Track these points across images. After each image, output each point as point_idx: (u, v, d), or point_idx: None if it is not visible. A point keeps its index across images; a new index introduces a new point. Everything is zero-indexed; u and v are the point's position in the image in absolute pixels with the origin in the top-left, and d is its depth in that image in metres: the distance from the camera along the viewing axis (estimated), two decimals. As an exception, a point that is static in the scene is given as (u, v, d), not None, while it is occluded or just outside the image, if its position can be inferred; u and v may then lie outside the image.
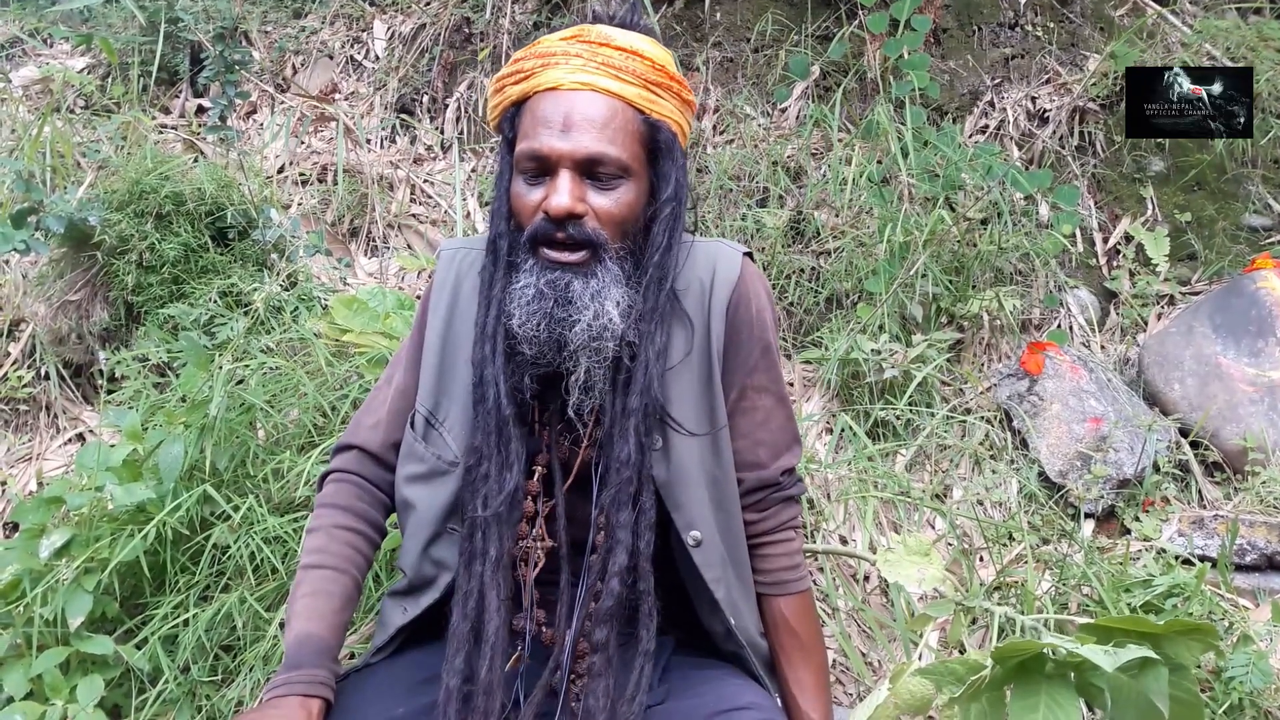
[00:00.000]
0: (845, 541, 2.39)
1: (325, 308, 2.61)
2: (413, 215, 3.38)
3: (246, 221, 2.81)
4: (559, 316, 1.22)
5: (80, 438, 2.79)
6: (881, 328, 2.79)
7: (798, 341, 2.99)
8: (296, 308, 2.58)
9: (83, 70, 3.84)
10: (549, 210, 1.22)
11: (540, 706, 1.28)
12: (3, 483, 2.68)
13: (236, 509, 2.04)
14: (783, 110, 3.46)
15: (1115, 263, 3.24)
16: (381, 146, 3.62)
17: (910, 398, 2.64)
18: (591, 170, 1.24)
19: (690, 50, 3.53)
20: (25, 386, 2.80)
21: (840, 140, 3.23)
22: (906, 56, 3.26)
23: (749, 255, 1.41)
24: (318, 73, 3.89)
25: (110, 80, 3.73)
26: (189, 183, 2.78)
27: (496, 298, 1.29)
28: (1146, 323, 3.10)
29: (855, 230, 3.03)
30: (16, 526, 2.39)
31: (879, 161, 3.17)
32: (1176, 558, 2.24)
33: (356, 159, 3.44)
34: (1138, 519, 2.50)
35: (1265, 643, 1.93)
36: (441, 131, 3.62)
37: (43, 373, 2.84)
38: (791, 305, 3.00)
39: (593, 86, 1.24)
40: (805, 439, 2.62)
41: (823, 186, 3.16)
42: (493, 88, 1.34)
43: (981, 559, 2.37)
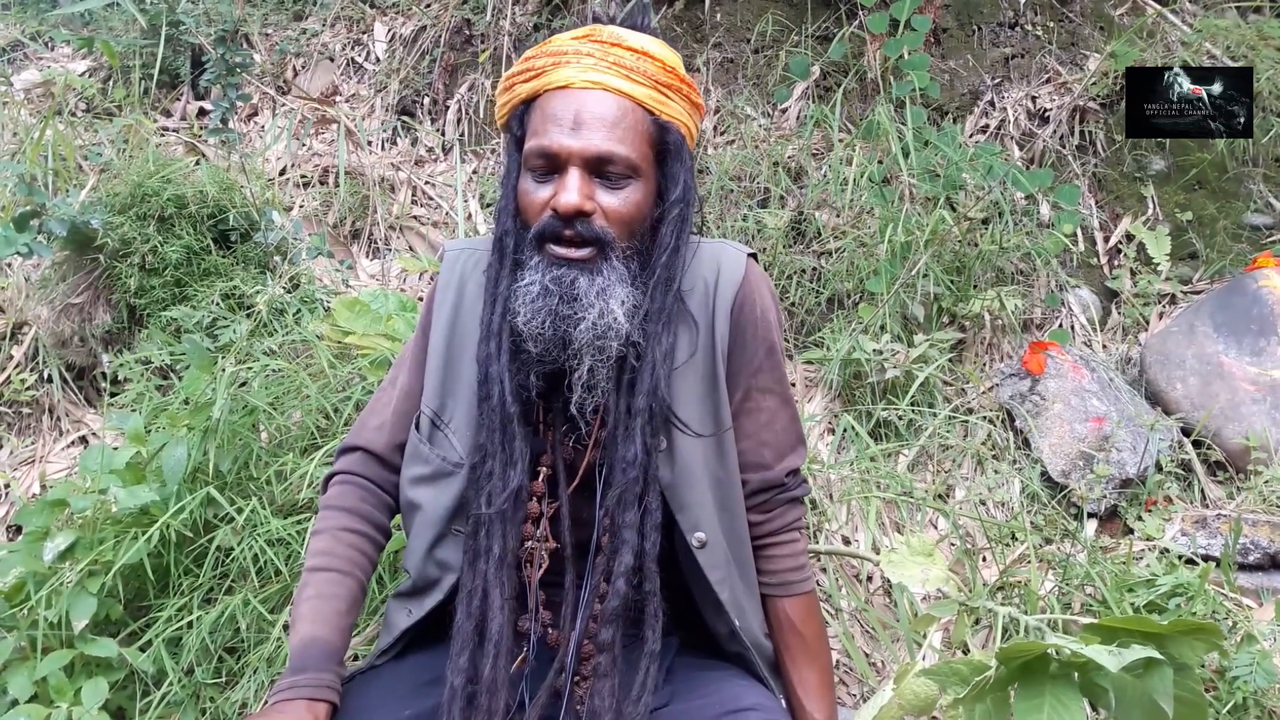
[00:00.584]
0: (848, 542, 2.39)
1: (327, 310, 2.61)
2: (414, 217, 3.38)
3: (249, 224, 2.81)
4: (564, 314, 1.22)
5: (83, 440, 2.80)
6: (883, 328, 2.79)
7: (800, 342, 2.99)
8: (299, 310, 2.58)
9: (84, 73, 3.85)
10: (558, 208, 1.22)
11: (545, 708, 1.28)
12: (6, 485, 2.68)
13: (240, 511, 2.04)
14: (783, 111, 3.46)
15: (1116, 262, 3.24)
16: (383, 148, 3.62)
17: (912, 398, 2.64)
18: (601, 169, 1.24)
19: (691, 51, 3.53)
20: (28, 389, 2.80)
21: (841, 140, 3.24)
22: (907, 56, 3.26)
23: (753, 256, 1.41)
24: (319, 75, 3.89)
25: (112, 83, 3.73)
26: (191, 185, 2.78)
27: (502, 295, 1.29)
28: (1148, 322, 3.10)
29: (856, 230, 3.03)
30: (20, 529, 2.39)
31: (880, 161, 3.17)
32: (1180, 557, 2.24)
33: (358, 161, 3.44)
34: (1140, 518, 2.50)
35: (1269, 642, 1.93)
36: (442, 133, 3.62)
37: (45, 376, 2.85)
38: (793, 306, 3.00)
39: (604, 86, 1.25)
40: (808, 439, 2.62)
41: (824, 187, 3.16)
42: (502, 85, 1.34)
43: (985, 559, 2.37)
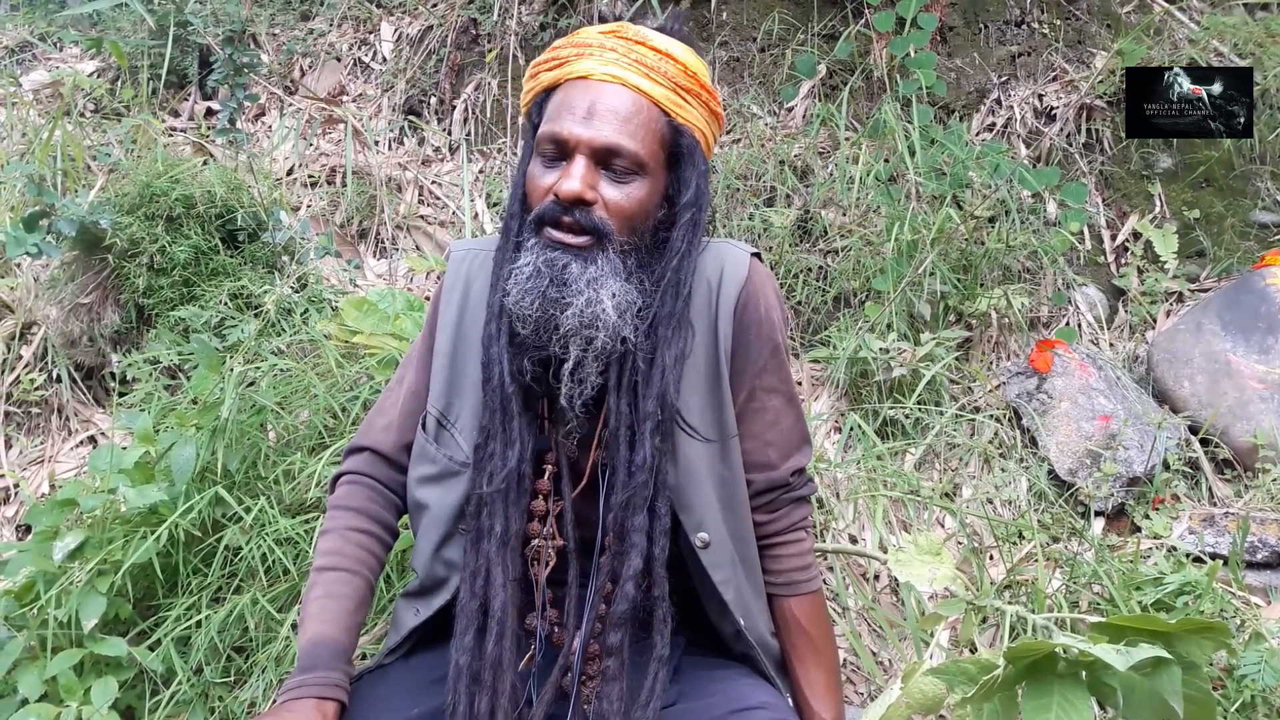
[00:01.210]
0: (855, 540, 2.39)
1: (335, 309, 2.62)
2: (421, 216, 3.39)
3: (256, 224, 2.82)
4: (552, 296, 1.22)
5: (92, 440, 2.81)
6: (890, 326, 2.79)
7: (806, 340, 2.99)
8: (306, 309, 2.59)
9: (92, 74, 3.86)
10: (559, 193, 1.23)
11: (550, 708, 1.29)
12: (15, 485, 2.69)
13: (248, 510, 2.04)
14: (789, 109, 3.46)
15: (1123, 260, 3.24)
16: (390, 148, 3.63)
17: (919, 396, 2.64)
18: (607, 161, 1.24)
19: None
20: (37, 389, 2.81)
21: (847, 139, 3.23)
22: (913, 55, 3.25)
23: (757, 255, 1.41)
24: (326, 75, 3.90)
25: (120, 83, 3.74)
26: (199, 185, 2.79)
27: (503, 276, 1.29)
28: (1155, 320, 3.09)
29: (863, 229, 3.03)
30: (30, 529, 2.40)
31: (886, 160, 3.16)
32: (1187, 555, 2.23)
33: (365, 161, 3.45)
34: (1148, 517, 2.50)
35: (1277, 640, 1.93)
36: (449, 133, 3.63)
37: (54, 375, 2.86)
38: (799, 304, 3.00)
39: (622, 81, 1.26)
40: (814, 438, 2.62)
41: (830, 185, 3.16)
42: (529, 73, 1.36)
43: (992, 557, 2.37)
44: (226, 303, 2.59)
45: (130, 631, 2.06)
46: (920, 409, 2.63)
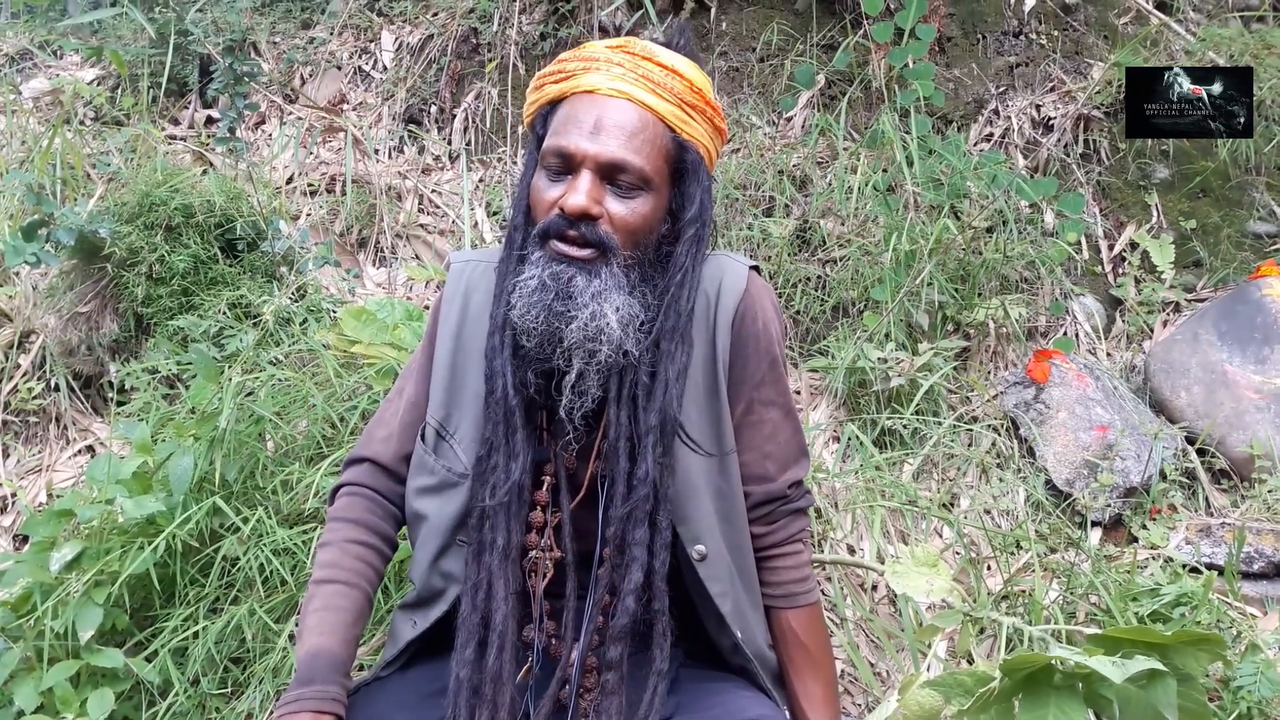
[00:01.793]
0: (853, 551, 2.39)
1: (334, 319, 2.62)
2: (421, 225, 3.40)
3: (256, 233, 2.82)
4: (557, 310, 1.23)
5: (90, 449, 2.81)
6: (888, 336, 2.79)
7: (804, 350, 3.00)
8: (305, 319, 2.59)
9: (92, 82, 3.87)
10: (564, 207, 1.23)
11: (549, 718, 1.29)
12: (13, 494, 2.69)
13: (246, 521, 2.04)
14: (788, 119, 3.47)
15: (1121, 270, 3.25)
16: (390, 157, 3.63)
17: (917, 406, 2.64)
18: (612, 176, 1.25)
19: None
20: (35, 398, 2.81)
21: (845, 149, 3.24)
22: (911, 65, 3.26)
23: (755, 268, 1.42)
24: (326, 83, 3.91)
25: (120, 92, 3.75)
26: (198, 194, 2.80)
27: (507, 289, 1.30)
28: (1152, 330, 3.10)
29: (861, 239, 3.03)
30: (27, 539, 2.40)
31: (884, 170, 3.17)
32: (1184, 566, 2.23)
33: (365, 169, 3.46)
34: (1145, 527, 2.50)
35: (1273, 651, 1.93)
36: (449, 142, 3.64)
37: (53, 384, 2.86)
38: (798, 314, 3.01)
39: (628, 96, 1.27)
40: (812, 448, 2.62)
41: (828, 195, 3.17)
42: (533, 84, 1.37)
43: (989, 568, 2.37)
44: (225, 312, 2.60)
45: (127, 642, 2.06)
46: (918, 419, 2.64)
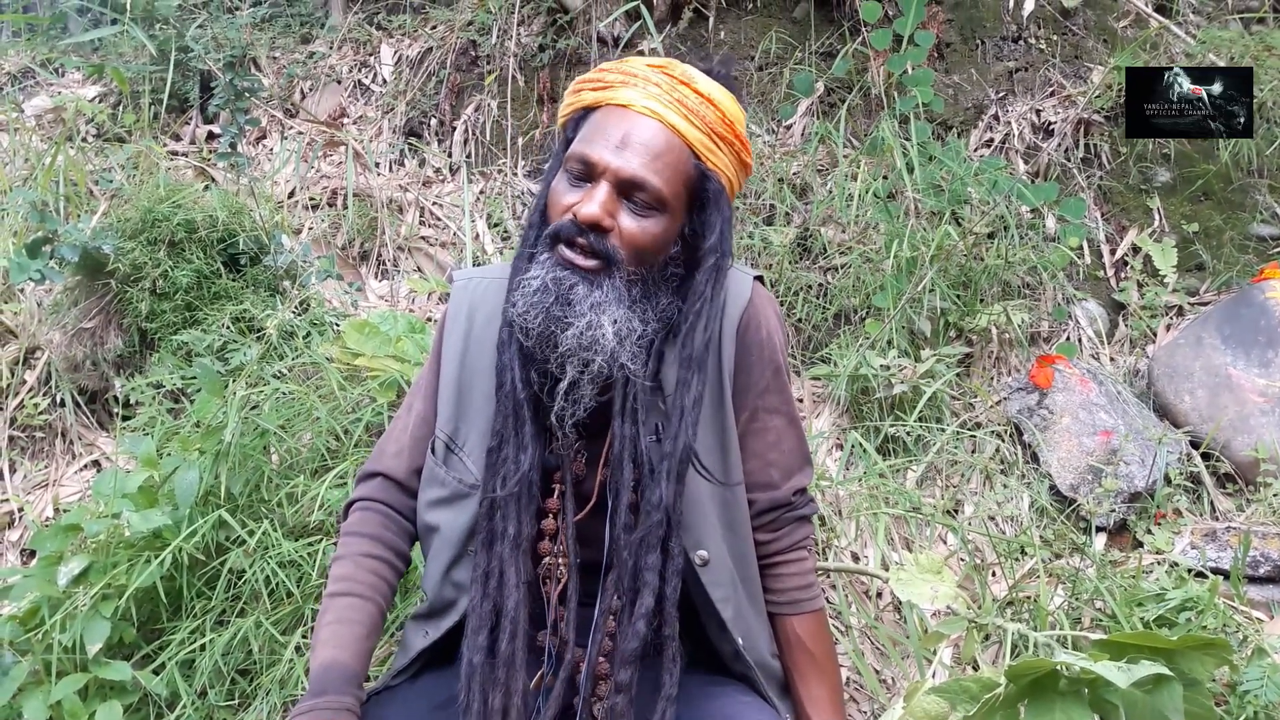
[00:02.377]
0: (857, 558, 2.39)
1: (337, 332, 2.63)
2: (422, 238, 3.41)
3: (258, 247, 2.83)
4: (555, 314, 1.24)
5: (96, 464, 2.81)
6: (890, 343, 2.80)
7: (807, 358, 3.00)
8: (309, 333, 2.60)
9: (94, 99, 3.88)
10: (578, 214, 1.24)
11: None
12: (20, 509, 2.70)
13: (251, 534, 2.05)
14: (788, 127, 3.48)
15: (1123, 274, 3.25)
16: (390, 170, 3.65)
17: (920, 413, 2.64)
18: (630, 192, 1.26)
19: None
20: (41, 414, 2.82)
21: (845, 156, 3.25)
22: (910, 72, 3.27)
23: (759, 279, 1.43)
24: (326, 97, 3.93)
25: (122, 108, 3.77)
26: (201, 210, 2.81)
27: (513, 287, 1.31)
28: (1155, 334, 3.10)
29: (862, 246, 3.04)
30: (34, 554, 2.40)
31: (884, 177, 3.18)
32: (1189, 571, 2.23)
33: (366, 183, 3.47)
34: (1150, 532, 2.50)
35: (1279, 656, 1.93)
36: (449, 154, 3.65)
37: (58, 400, 2.87)
38: (800, 322, 3.01)
39: (660, 117, 1.27)
40: (815, 455, 2.62)
41: (829, 203, 3.18)
42: (573, 87, 1.38)
43: (994, 574, 2.37)
44: (229, 326, 2.61)
45: (135, 655, 2.07)
46: (921, 426, 2.64)
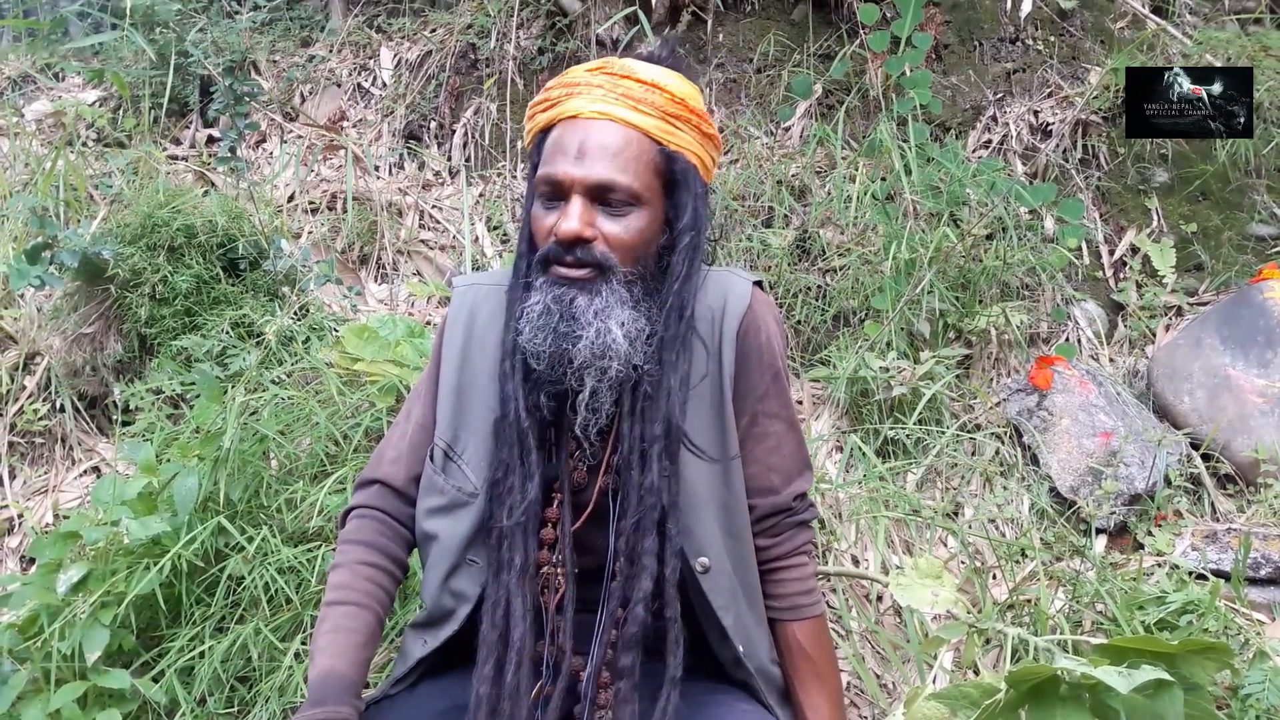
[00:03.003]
0: (857, 562, 2.39)
1: (336, 337, 2.63)
2: (422, 241, 3.41)
3: (258, 252, 2.83)
4: (563, 331, 1.25)
5: (96, 470, 2.81)
6: (889, 345, 2.79)
7: (806, 360, 3.00)
8: (308, 338, 2.60)
9: (94, 103, 3.89)
10: (558, 234, 1.25)
11: (562, 734, 1.30)
12: (19, 515, 2.70)
13: (251, 540, 2.05)
14: (786, 129, 3.48)
15: (1122, 275, 3.25)
16: (390, 173, 3.65)
17: (919, 415, 2.64)
18: (602, 196, 1.26)
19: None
20: (41, 419, 2.82)
21: (844, 158, 3.25)
22: (908, 74, 3.27)
23: (759, 284, 1.43)
24: (326, 101, 3.93)
25: (121, 113, 3.77)
26: (200, 215, 2.81)
27: (515, 316, 1.32)
28: (1155, 335, 3.10)
29: (861, 248, 3.04)
30: (34, 561, 2.40)
31: (883, 179, 3.18)
32: (1190, 573, 2.23)
33: (365, 186, 3.47)
34: (1150, 534, 2.50)
35: (1281, 657, 1.93)
36: (449, 157, 3.65)
37: (58, 405, 2.87)
38: (799, 324, 3.01)
39: (610, 116, 1.28)
40: (815, 458, 2.62)
41: (827, 205, 3.17)
42: (527, 114, 1.39)
43: (994, 577, 2.36)
44: (228, 332, 2.61)
45: (134, 663, 2.06)
46: (921, 428, 2.64)
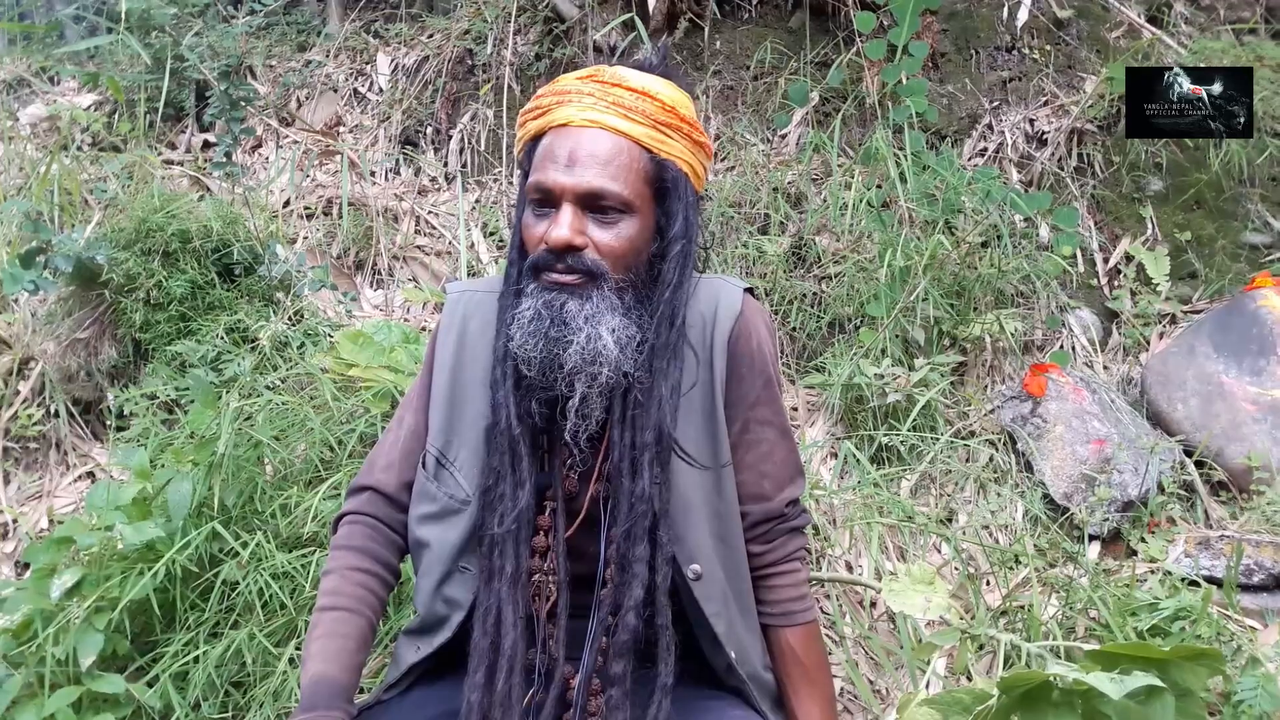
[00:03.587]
0: (851, 568, 2.39)
1: (331, 342, 2.63)
2: (417, 247, 3.41)
3: (253, 257, 2.84)
4: (554, 336, 1.25)
5: (90, 475, 2.81)
6: (884, 352, 2.80)
7: (801, 367, 3.00)
8: (303, 343, 2.60)
9: (89, 107, 3.89)
10: (548, 241, 1.26)
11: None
12: (13, 521, 2.69)
13: (245, 545, 2.05)
14: (782, 137, 3.49)
15: (1116, 283, 3.26)
16: (386, 179, 3.65)
17: (914, 422, 2.65)
18: (594, 204, 1.27)
19: (691, 79, 3.56)
20: (35, 424, 2.82)
21: (840, 166, 3.26)
22: (904, 82, 3.28)
23: (750, 291, 1.43)
24: (322, 106, 3.93)
25: (117, 117, 3.77)
26: (195, 220, 2.81)
27: (506, 323, 1.32)
28: (1149, 342, 3.11)
29: (856, 255, 3.04)
30: (28, 566, 2.40)
31: (878, 186, 3.19)
32: (1183, 580, 2.23)
33: (361, 192, 3.47)
34: (1143, 540, 2.50)
35: (1274, 665, 1.93)
36: (445, 163, 3.65)
37: (52, 410, 2.86)
38: (794, 331, 3.01)
39: (600, 124, 1.28)
40: (809, 465, 2.63)
41: (823, 212, 3.18)
42: (518, 122, 1.39)
43: (987, 583, 2.37)
44: (223, 337, 2.61)
45: (128, 668, 2.06)
46: (915, 435, 2.64)
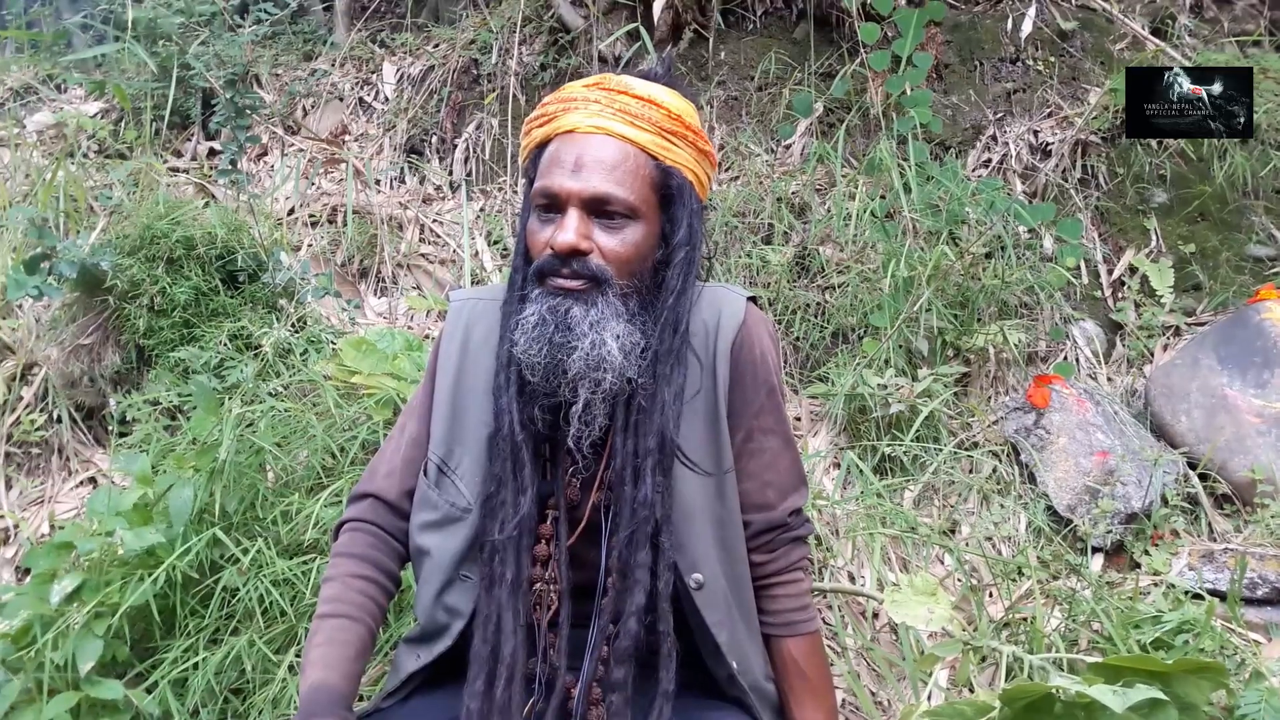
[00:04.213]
0: (853, 578, 2.38)
1: (334, 349, 2.63)
2: (421, 255, 3.41)
3: (257, 264, 2.84)
4: (558, 341, 1.25)
5: (92, 480, 2.81)
6: (887, 362, 2.80)
7: (804, 377, 3.00)
8: (306, 350, 2.60)
9: (96, 115, 3.90)
10: (554, 246, 1.26)
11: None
12: (15, 526, 2.69)
13: (246, 552, 2.05)
14: (787, 147, 3.49)
15: (1120, 294, 3.25)
16: (391, 187, 3.66)
17: (917, 432, 2.64)
18: (600, 210, 1.27)
19: (695, 89, 3.57)
20: (38, 430, 2.82)
21: (844, 176, 3.26)
22: (909, 93, 3.29)
23: (753, 300, 1.43)
24: (328, 115, 3.94)
25: (123, 125, 3.78)
26: (200, 227, 2.82)
27: (510, 328, 1.32)
28: (1152, 354, 3.10)
29: (860, 265, 3.04)
30: (29, 571, 2.40)
31: (882, 197, 3.19)
32: (1186, 593, 2.22)
33: (366, 200, 3.48)
34: (1147, 553, 2.49)
35: (1278, 679, 1.92)
36: (450, 172, 3.66)
37: (55, 416, 2.87)
38: (797, 340, 3.01)
39: (607, 131, 1.29)
40: (812, 475, 2.62)
41: (827, 222, 3.18)
42: (523, 130, 1.40)
43: (990, 595, 2.36)
44: (226, 344, 2.61)
45: (127, 674, 2.06)
46: (918, 445, 2.63)
